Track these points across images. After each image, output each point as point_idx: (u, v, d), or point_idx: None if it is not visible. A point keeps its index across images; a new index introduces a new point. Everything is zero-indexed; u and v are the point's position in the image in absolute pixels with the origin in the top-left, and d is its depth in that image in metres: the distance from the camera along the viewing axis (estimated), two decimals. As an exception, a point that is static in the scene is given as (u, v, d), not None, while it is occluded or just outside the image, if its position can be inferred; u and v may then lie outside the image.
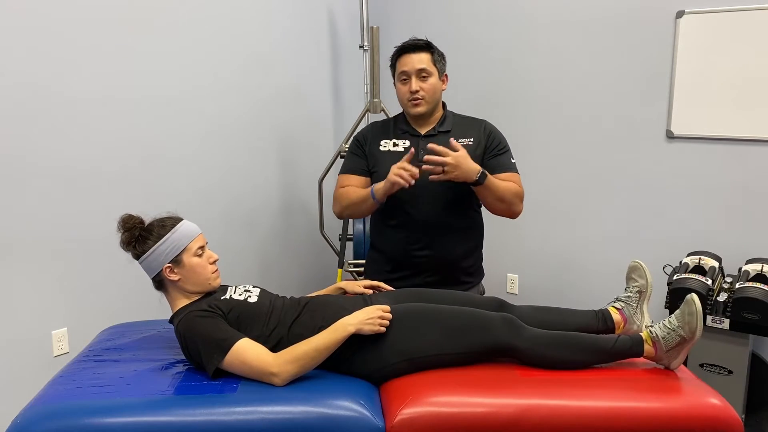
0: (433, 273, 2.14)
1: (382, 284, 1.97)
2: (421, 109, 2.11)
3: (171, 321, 1.74)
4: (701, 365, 2.70)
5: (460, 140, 2.10)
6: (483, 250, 2.30)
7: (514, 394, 1.55)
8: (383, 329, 1.65)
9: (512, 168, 2.15)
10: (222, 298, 1.75)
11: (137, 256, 1.73)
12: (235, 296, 1.77)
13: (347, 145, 3.27)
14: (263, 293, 1.82)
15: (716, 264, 2.76)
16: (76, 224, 2.50)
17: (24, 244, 2.35)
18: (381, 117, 3.38)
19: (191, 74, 2.86)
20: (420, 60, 2.09)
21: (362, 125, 3.43)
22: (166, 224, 1.74)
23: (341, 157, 3.30)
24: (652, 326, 1.72)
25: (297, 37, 3.40)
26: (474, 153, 2.10)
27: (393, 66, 2.17)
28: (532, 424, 1.49)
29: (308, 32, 3.48)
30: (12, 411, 1.57)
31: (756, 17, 2.75)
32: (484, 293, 2.38)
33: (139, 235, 1.73)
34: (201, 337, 1.60)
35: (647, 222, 3.14)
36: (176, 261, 1.71)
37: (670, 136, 3.03)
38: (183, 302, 1.73)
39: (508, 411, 1.50)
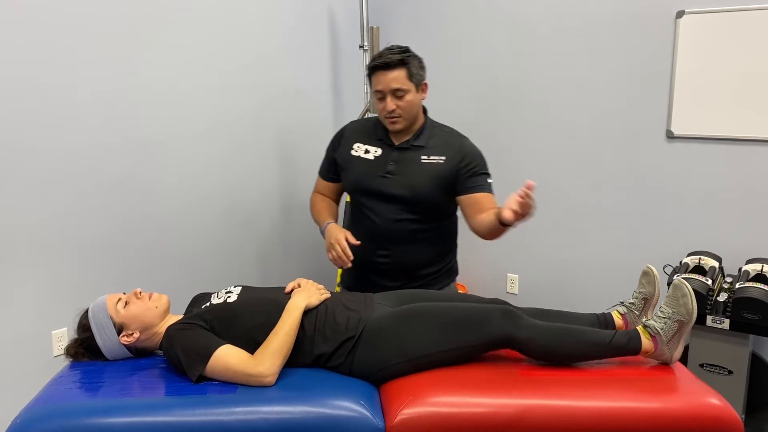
0: (397, 278, 2.14)
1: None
2: (398, 127, 2.08)
3: (160, 347, 1.75)
4: (701, 365, 2.70)
5: (432, 157, 2.09)
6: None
7: (514, 394, 1.55)
8: (328, 294, 1.80)
9: (488, 189, 2.10)
10: (203, 307, 1.77)
11: (104, 357, 1.74)
12: (215, 301, 1.78)
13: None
14: (245, 290, 1.83)
15: (716, 264, 2.76)
16: (76, 224, 2.50)
17: (24, 244, 2.35)
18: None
19: (191, 74, 2.86)
20: (394, 79, 2.00)
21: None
22: (82, 322, 1.75)
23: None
24: (646, 322, 1.71)
25: (297, 37, 3.40)
26: (443, 172, 2.08)
27: (369, 78, 2.11)
28: (532, 424, 1.49)
29: (308, 32, 3.48)
30: (12, 411, 1.57)
31: (756, 17, 2.75)
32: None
33: (83, 352, 1.75)
34: (182, 349, 1.61)
35: (647, 222, 3.14)
36: (119, 329, 1.72)
37: (670, 136, 3.03)
38: (164, 328, 1.74)
39: (508, 411, 1.50)
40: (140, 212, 2.72)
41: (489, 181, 2.12)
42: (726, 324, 2.58)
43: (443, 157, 2.09)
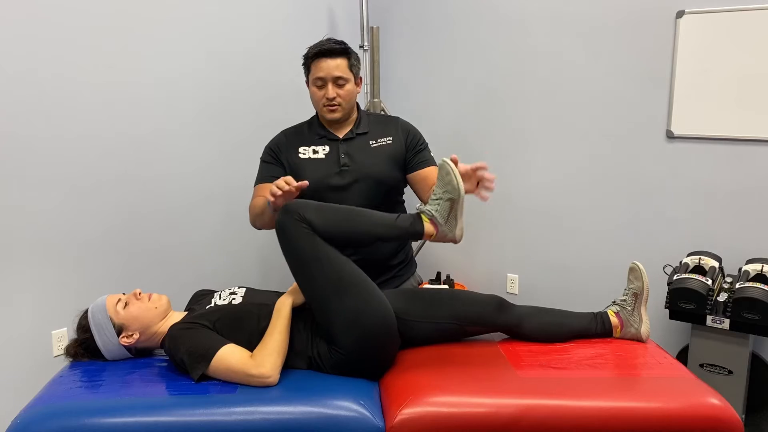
0: (367, 274, 2.13)
1: None
2: (336, 115, 2.10)
3: (162, 346, 1.75)
4: (701, 365, 2.70)
5: (379, 140, 2.14)
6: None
7: (514, 394, 1.55)
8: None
9: (433, 161, 2.19)
10: (207, 307, 1.76)
11: (104, 357, 1.74)
12: (220, 302, 1.78)
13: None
14: (249, 292, 1.83)
15: (716, 264, 2.76)
16: (76, 224, 2.50)
17: (24, 244, 2.35)
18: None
19: (191, 73, 2.86)
20: (337, 66, 2.04)
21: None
22: (82, 323, 1.75)
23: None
24: (421, 208, 1.71)
25: (297, 37, 3.40)
26: (394, 151, 2.13)
27: (307, 67, 2.11)
28: (532, 424, 1.49)
29: (308, 32, 3.48)
30: (12, 411, 1.57)
31: (756, 17, 2.75)
32: (420, 283, 2.40)
33: (83, 352, 1.75)
34: (185, 348, 1.61)
35: (647, 222, 3.14)
36: (118, 330, 1.72)
37: (670, 136, 3.03)
38: (165, 327, 1.74)
39: (508, 411, 1.50)
40: (141, 212, 2.72)
41: (431, 153, 2.21)
42: (726, 324, 2.58)
43: (389, 138, 2.16)
